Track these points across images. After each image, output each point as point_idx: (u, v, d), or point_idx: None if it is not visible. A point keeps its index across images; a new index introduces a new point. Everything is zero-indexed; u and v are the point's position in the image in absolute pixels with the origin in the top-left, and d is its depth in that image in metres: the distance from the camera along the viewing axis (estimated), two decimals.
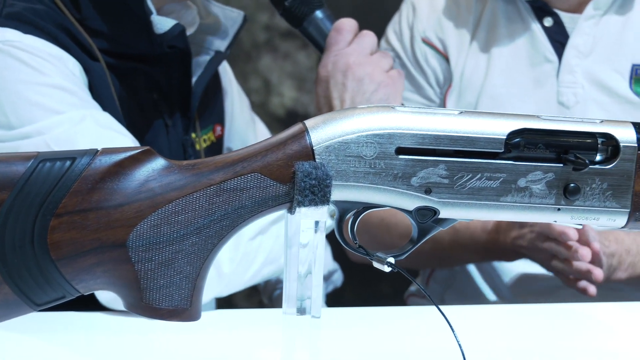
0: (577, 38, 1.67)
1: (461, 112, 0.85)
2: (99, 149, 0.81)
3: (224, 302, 2.66)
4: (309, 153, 0.82)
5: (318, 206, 0.82)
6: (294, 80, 2.69)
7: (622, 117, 1.65)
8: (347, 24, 1.38)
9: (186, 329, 1.09)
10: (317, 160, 0.82)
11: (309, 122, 0.84)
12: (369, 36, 1.39)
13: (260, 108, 2.63)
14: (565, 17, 1.69)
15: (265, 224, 1.26)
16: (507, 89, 1.71)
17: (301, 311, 0.86)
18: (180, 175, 0.82)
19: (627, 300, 1.67)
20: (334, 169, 0.82)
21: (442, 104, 1.76)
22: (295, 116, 2.66)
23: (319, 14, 1.40)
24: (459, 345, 0.83)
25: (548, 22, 1.69)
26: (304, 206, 0.82)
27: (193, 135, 1.47)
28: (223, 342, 1.11)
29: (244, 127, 1.68)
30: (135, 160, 0.81)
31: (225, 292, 1.28)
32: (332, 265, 1.76)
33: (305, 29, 1.41)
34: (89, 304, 1.19)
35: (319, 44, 1.42)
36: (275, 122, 2.63)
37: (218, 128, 1.57)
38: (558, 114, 1.64)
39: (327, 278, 1.73)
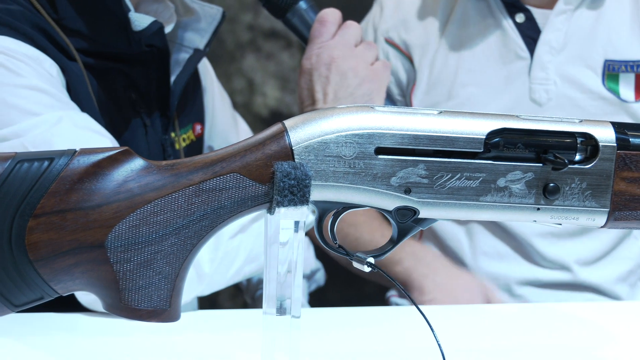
0: (549, 34, 1.66)
1: (440, 112, 0.85)
2: (77, 150, 0.81)
3: (208, 303, 2.66)
4: (288, 153, 0.82)
5: (297, 206, 0.82)
6: (278, 80, 2.69)
7: (596, 113, 1.64)
8: (331, 15, 1.37)
9: (168, 330, 1.09)
10: (296, 160, 0.82)
11: (288, 122, 0.84)
12: (353, 27, 1.37)
13: (244, 108, 2.63)
14: (536, 12, 1.68)
15: (245, 222, 1.26)
16: (479, 87, 1.70)
17: (281, 311, 0.86)
18: (159, 176, 0.81)
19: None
20: (313, 169, 0.82)
21: (408, 104, 1.75)
22: (279, 116, 2.66)
23: (302, 4, 1.37)
24: (439, 345, 0.83)
25: (520, 18, 1.68)
26: (283, 206, 0.82)
27: (172, 134, 1.46)
28: (204, 343, 1.11)
29: (226, 126, 1.68)
30: (114, 161, 0.81)
31: (207, 292, 1.27)
32: (315, 264, 1.76)
33: (289, 20, 1.39)
34: (70, 305, 1.19)
35: (303, 36, 1.40)
36: (259, 122, 2.63)
37: (198, 127, 1.56)
38: (530, 112, 1.65)
39: (309, 277, 1.73)
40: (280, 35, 2.65)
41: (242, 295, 1.85)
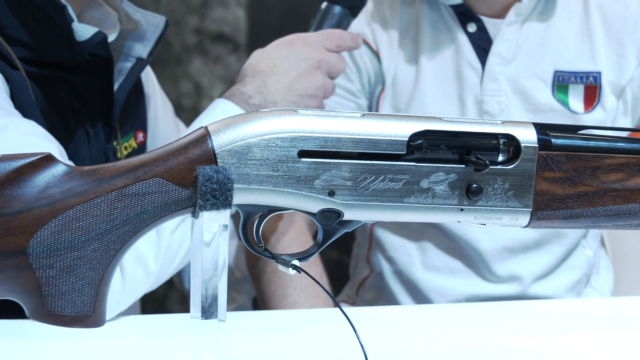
0: (499, 44, 1.66)
1: (364, 115, 0.86)
2: None
3: (158, 307, 2.65)
4: (211, 157, 0.82)
5: (220, 210, 0.82)
6: (225, 84, 2.69)
7: None
8: (346, 38, 1.40)
9: (108, 334, 1.09)
10: (219, 164, 0.82)
11: (211, 127, 0.84)
12: (342, 62, 1.40)
13: (192, 112, 2.62)
14: (488, 22, 1.68)
15: (184, 216, 1.26)
16: (435, 98, 1.69)
17: (207, 315, 0.86)
18: (81, 181, 0.81)
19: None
20: (236, 173, 0.83)
21: (376, 107, 1.74)
22: None
23: (337, 8, 1.42)
24: (361, 346, 0.83)
25: (472, 27, 1.67)
26: (206, 210, 0.82)
27: (115, 143, 1.45)
28: (137, 348, 1.11)
29: (169, 133, 1.67)
30: (35, 167, 0.81)
31: (153, 287, 1.28)
32: None
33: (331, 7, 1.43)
34: (15, 311, 1.18)
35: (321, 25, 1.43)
36: None
37: (140, 135, 1.55)
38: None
39: None
40: (227, 39, 2.65)
41: None
